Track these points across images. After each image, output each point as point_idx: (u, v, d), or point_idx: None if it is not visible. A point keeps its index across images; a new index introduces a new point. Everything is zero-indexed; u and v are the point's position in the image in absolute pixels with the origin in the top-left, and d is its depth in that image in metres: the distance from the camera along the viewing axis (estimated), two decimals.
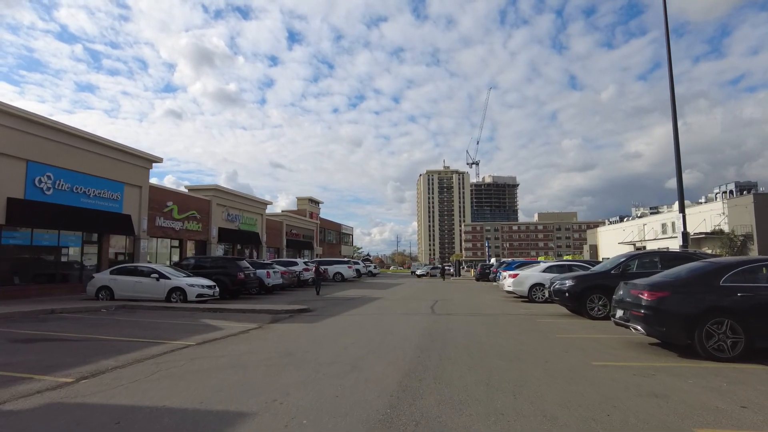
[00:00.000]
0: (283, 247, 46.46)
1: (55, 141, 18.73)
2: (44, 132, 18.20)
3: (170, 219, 27.10)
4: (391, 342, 8.39)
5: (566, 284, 12.26)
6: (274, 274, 22.97)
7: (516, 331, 9.71)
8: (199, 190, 31.53)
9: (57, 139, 18.79)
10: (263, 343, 8.57)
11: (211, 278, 19.38)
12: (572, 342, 8.36)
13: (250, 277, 20.39)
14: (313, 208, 61.78)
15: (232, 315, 13.58)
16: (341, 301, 17.95)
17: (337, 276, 35.43)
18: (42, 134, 18.11)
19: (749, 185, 52.07)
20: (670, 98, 17.79)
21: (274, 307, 14.72)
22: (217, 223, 31.94)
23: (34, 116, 17.82)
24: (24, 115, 17.34)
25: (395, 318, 12.33)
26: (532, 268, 18.74)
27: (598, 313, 11.80)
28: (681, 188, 16.90)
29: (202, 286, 17.01)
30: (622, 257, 12.63)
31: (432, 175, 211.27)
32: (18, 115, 17.11)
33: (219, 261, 20.94)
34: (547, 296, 17.16)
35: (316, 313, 13.95)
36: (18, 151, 17.23)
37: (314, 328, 10.60)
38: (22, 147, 17.38)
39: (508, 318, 12.33)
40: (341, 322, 11.67)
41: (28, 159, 17.68)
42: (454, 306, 15.92)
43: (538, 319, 12.12)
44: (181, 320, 12.09)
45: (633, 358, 6.90)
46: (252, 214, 37.24)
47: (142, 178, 24.41)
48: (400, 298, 19.49)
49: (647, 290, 7.08)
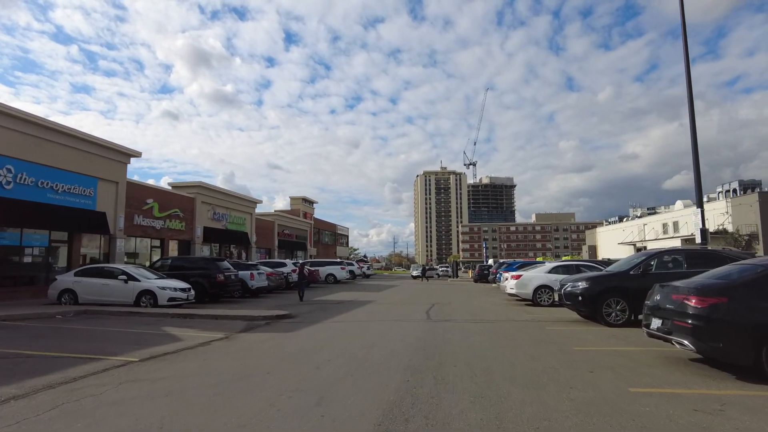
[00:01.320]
0: (274, 247, 44.86)
1: (17, 131, 17.12)
2: (3, 121, 16.62)
3: (150, 217, 25.52)
4: (376, 359, 6.90)
5: (579, 287, 10.80)
6: (259, 275, 21.43)
7: (525, 343, 8.24)
8: (183, 187, 29.95)
9: (18, 128, 17.19)
10: (221, 359, 7.06)
11: (189, 280, 17.93)
12: (595, 358, 6.89)
13: (230, 279, 18.87)
14: (307, 208, 60.22)
15: (201, 322, 12.06)
16: (328, 306, 16.43)
17: (330, 278, 33.91)
18: (0, 123, 16.53)
19: (753, 184, 50.90)
20: (687, 94, 16.36)
21: (251, 313, 13.20)
22: (202, 222, 30.35)
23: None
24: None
25: (385, 326, 10.83)
26: (536, 268, 17.30)
27: (616, 320, 10.34)
28: (699, 183, 15.50)
29: (174, 289, 15.48)
30: (641, 255, 11.18)
31: (429, 176, 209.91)
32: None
33: (198, 262, 19.40)
34: (553, 299, 15.74)
35: (297, 319, 12.45)
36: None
37: (289, 339, 9.10)
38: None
39: (513, 325, 10.86)
40: (322, 331, 10.16)
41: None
42: (452, 311, 14.45)
43: (547, 326, 10.65)
44: (140, 328, 10.56)
45: (680, 382, 5.43)
46: (240, 213, 35.65)
47: (119, 173, 22.82)
48: (393, 302, 17.99)
49: (695, 295, 5.62)
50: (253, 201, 37.96)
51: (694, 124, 15.95)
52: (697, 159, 15.62)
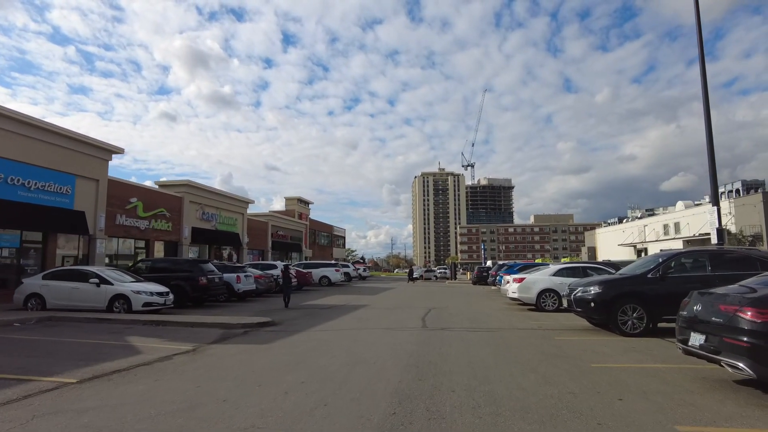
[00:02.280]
0: (268, 249, 43.71)
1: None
2: None
3: (134, 217, 24.34)
4: (359, 381, 5.78)
5: (592, 292, 9.70)
6: (246, 278, 20.29)
7: (534, 358, 7.13)
8: (170, 186, 28.77)
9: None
10: (175, 380, 5.93)
11: (170, 283, 16.82)
12: (620, 378, 5.79)
13: (214, 282, 17.72)
14: (303, 209, 59.04)
15: (173, 330, 10.93)
16: (317, 311, 15.30)
17: (324, 280, 32.74)
18: None
19: (756, 184, 49.95)
20: (702, 90, 15.37)
21: (230, 320, 12.07)
22: (190, 222, 29.18)
23: None
24: None
25: (375, 336, 9.71)
26: (540, 271, 16.21)
27: (632, 329, 9.25)
28: (714, 179, 14.48)
29: (151, 293, 14.34)
30: (659, 257, 10.08)
31: (427, 178, 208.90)
32: None
33: (179, 264, 18.24)
34: (558, 305, 14.65)
35: (278, 328, 11.31)
36: None
37: (263, 352, 7.97)
38: None
39: (517, 335, 9.75)
40: (303, 342, 9.03)
41: None
42: (450, 316, 13.34)
43: (556, 336, 9.54)
44: (101, 338, 9.43)
45: (736, 416, 4.32)
46: (231, 213, 34.48)
47: (99, 170, 21.66)
48: (387, 307, 16.86)
49: (753, 306, 4.53)
50: (245, 201, 36.80)
51: (710, 121, 15.03)
52: (713, 155, 14.61)
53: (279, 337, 9.71)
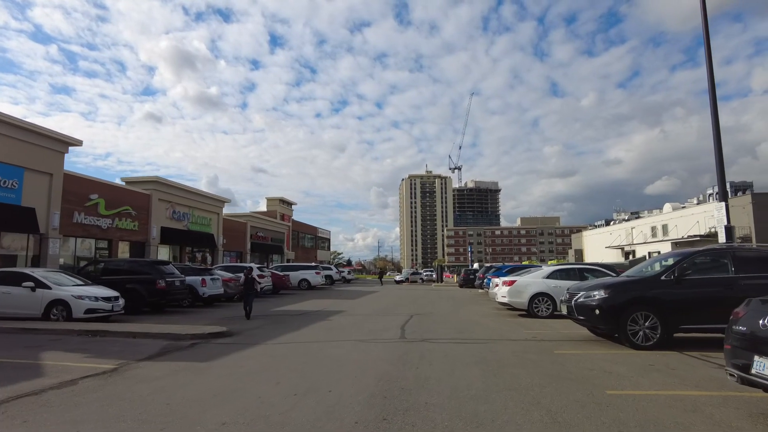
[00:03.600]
0: (247, 251, 41.83)
1: None
2: None
3: (95, 215, 22.47)
4: (301, 422, 4.26)
5: (596, 297, 8.30)
6: (213, 281, 18.62)
7: (535, 382, 5.67)
8: (137, 182, 26.88)
9: None
10: (50, 421, 4.34)
11: (125, 287, 15.19)
12: (649, 412, 4.37)
13: (174, 285, 16.04)
14: (285, 210, 57.21)
15: (107, 343, 9.28)
16: (286, 319, 13.72)
17: (303, 283, 31.06)
18: None
19: (744, 185, 49.55)
20: (708, 86, 14.18)
21: (180, 330, 10.44)
22: (159, 221, 27.31)
23: None
24: None
25: (342, 351, 8.17)
26: (531, 273, 14.84)
27: (644, 341, 7.87)
28: (722, 173, 13.29)
29: (95, 298, 12.62)
30: (673, 256, 8.75)
31: (414, 180, 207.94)
32: None
33: (136, 265, 16.50)
34: (553, 310, 13.30)
35: (233, 339, 9.72)
36: None
37: (196, 375, 6.39)
38: None
39: (510, 348, 8.30)
40: (252, 360, 7.46)
41: None
42: (434, 324, 11.87)
43: (556, 349, 8.12)
44: (8, 354, 7.75)
45: None
46: (205, 213, 32.63)
47: (54, 164, 19.80)
48: (365, 313, 15.34)
49: None
50: (221, 200, 34.97)
51: (716, 115, 13.84)
52: (720, 149, 13.51)
53: (227, 352, 8.13)
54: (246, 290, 13.49)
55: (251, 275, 13.70)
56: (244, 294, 13.55)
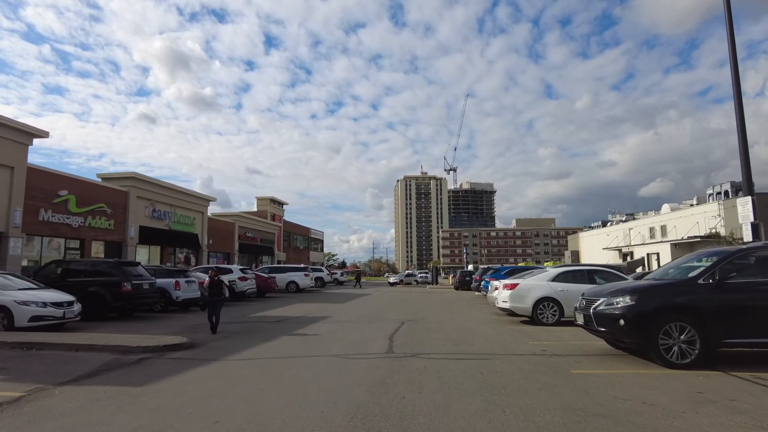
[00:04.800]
0: (234, 252, 40.29)
1: None
2: None
3: (64, 213, 20.93)
4: None
5: (620, 304, 6.93)
6: (188, 284, 17.11)
7: (557, 420, 4.28)
8: (114, 179, 25.33)
9: None
10: None
11: (87, 290, 13.77)
12: None
13: (143, 288, 14.56)
14: (276, 210, 55.65)
15: (40, 358, 7.83)
16: (262, 326, 12.28)
17: (291, 286, 29.55)
18: None
19: None
20: (732, 76, 12.98)
21: (132, 341, 8.98)
22: (137, 220, 25.76)
23: None
24: None
25: (314, 371, 6.74)
26: (534, 275, 13.45)
27: (680, 358, 6.51)
28: (747, 164, 12.05)
29: (44, 304, 11.12)
30: (708, 255, 7.39)
31: (410, 181, 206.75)
32: None
33: (99, 266, 14.95)
34: (559, 316, 11.95)
35: (191, 353, 8.28)
36: None
37: (119, 407, 4.93)
38: None
39: (518, 366, 6.91)
40: (200, 384, 6.02)
41: None
42: (426, 333, 10.46)
43: (572, 367, 6.73)
44: None
45: None
46: (188, 212, 31.08)
47: (15, 156, 18.25)
48: (352, 319, 13.92)
49: None
50: (205, 198, 33.42)
51: (741, 105, 12.59)
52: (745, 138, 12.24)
53: (174, 371, 6.68)
54: (212, 296, 10.96)
55: (218, 278, 11.22)
56: (210, 302, 11.00)
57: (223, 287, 11.13)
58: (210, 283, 11.13)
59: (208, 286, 11.13)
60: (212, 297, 10.99)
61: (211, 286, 11.08)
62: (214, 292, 10.98)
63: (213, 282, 11.07)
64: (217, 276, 11.24)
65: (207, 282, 11.25)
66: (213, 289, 11.02)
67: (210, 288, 11.08)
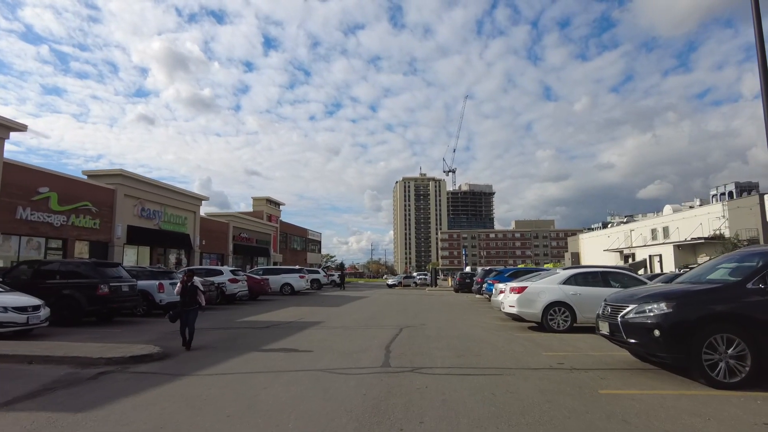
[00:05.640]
0: (229, 253, 39.26)
1: None
2: None
3: (45, 211, 19.89)
4: None
5: (654, 312, 5.94)
6: (173, 286, 16.05)
7: None
8: (100, 176, 24.29)
9: None
10: None
11: (61, 293, 12.79)
12: None
13: (122, 291, 13.55)
14: (273, 210, 54.59)
15: None
16: (247, 333, 11.26)
17: (286, 288, 28.48)
18: None
19: (750, 186, 47.61)
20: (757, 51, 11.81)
21: (96, 351, 7.96)
22: (125, 219, 24.72)
23: None
24: None
25: (296, 390, 5.74)
26: (542, 278, 12.44)
27: (728, 377, 5.53)
28: None
29: (3, 309, 10.09)
30: (754, 256, 6.40)
31: (408, 182, 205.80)
32: None
33: (74, 267, 13.91)
34: (571, 322, 10.96)
35: (160, 365, 7.27)
36: None
37: None
38: None
39: (535, 384, 5.91)
40: (154, 408, 4.99)
41: None
42: (427, 342, 9.45)
43: (600, 386, 5.74)
44: None
45: None
46: (180, 211, 30.03)
47: None
48: (346, 325, 12.90)
49: None
50: (197, 197, 32.38)
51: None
52: None
53: (133, 390, 5.67)
54: (185, 305, 8.93)
55: (191, 283, 9.08)
56: (181, 312, 8.91)
57: (198, 294, 9.14)
58: (182, 289, 9.05)
59: (180, 293, 9.08)
60: (185, 306, 8.92)
61: (183, 292, 9.04)
62: (186, 301, 8.99)
63: (186, 288, 9.04)
64: (190, 281, 9.16)
65: (179, 288, 9.13)
66: (186, 296, 9.03)
67: (182, 295, 9.05)
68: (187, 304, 8.95)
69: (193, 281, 9.16)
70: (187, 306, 8.94)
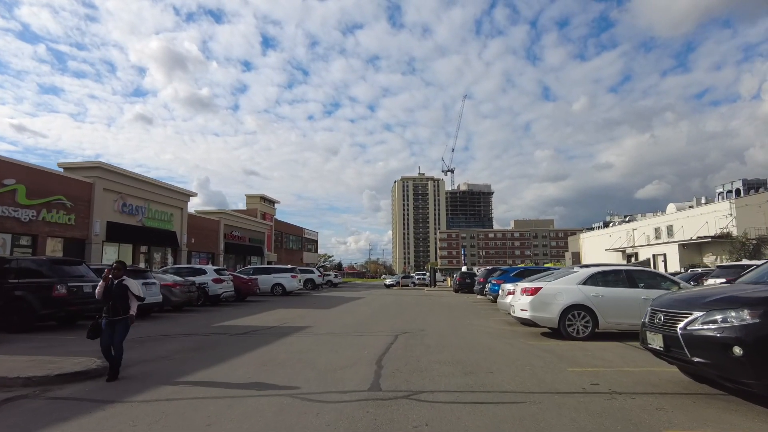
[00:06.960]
0: (219, 252, 37.71)
1: None
2: None
3: (10, 204, 18.34)
4: None
5: (731, 322, 4.46)
6: (147, 287, 14.52)
7: None
8: (77, 169, 22.71)
9: None
10: None
11: (12, 294, 11.32)
12: None
13: (83, 292, 12.00)
14: (267, 208, 53.03)
15: None
16: (220, 340, 9.74)
17: (277, 288, 26.96)
18: None
19: (758, 183, 46.24)
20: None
21: (16, 368, 6.45)
22: (104, 215, 23.17)
23: None
24: None
25: (256, 426, 4.23)
26: (556, 278, 10.93)
27: None
28: None
29: None
30: None
31: (407, 182, 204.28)
32: None
33: (28, 264, 12.37)
34: (593, 328, 9.50)
35: (94, 385, 5.81)
36: None
37: None
38: None
39: (571, 417, 4.42)
40: None
41: None
42: (427, 354, 7.95)
43: (663, 428, 4.24)
44: None
45: None
46: (165, 207, 28.47)
47: None
48: (334, 331, 11.40)
49: None
50: (185, 193, 30.82)
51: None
52: None
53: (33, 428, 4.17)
54: (110, 314, 6.21)
55: (120, 281, 6.32)
56: (104, 322, 6.23)
57: (130, 297, 6.37)
58: (104, 290, 6.26)
59: (102, 296, 6.28)
60: (110, 315, 6.20)
61: (106, 295, 6.25)
62: (111, 307, 6.21)
63: (108, 288, 6.26)
64: (118, 278, 6.35)
65: (100, 289, 6.28)
66: (111, 300, 6.23)
67: (105, 299, 6.27)
68: (113, 313, 6.21)
69: (122, 279, 6.36)
70: (114, 316, 6.21)
